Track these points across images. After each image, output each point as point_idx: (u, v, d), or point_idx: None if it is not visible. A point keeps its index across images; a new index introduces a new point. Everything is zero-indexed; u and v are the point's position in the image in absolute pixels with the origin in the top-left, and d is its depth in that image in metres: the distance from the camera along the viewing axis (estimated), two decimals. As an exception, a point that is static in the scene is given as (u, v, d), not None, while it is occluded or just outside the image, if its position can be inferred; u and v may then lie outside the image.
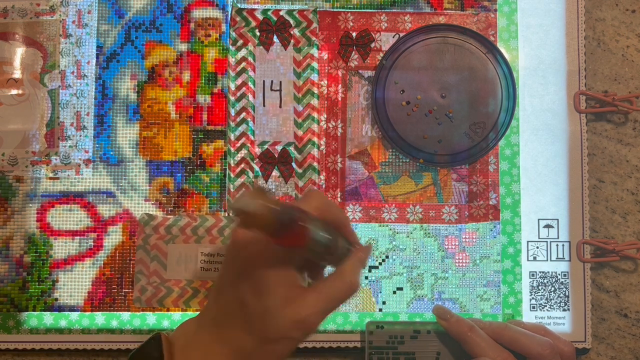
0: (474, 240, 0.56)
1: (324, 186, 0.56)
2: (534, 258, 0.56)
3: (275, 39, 0.57)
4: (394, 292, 0.56)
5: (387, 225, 0.56)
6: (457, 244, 0.56)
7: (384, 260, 0.56)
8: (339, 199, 0.56)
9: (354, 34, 0.57)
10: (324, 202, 0.43)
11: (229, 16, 0.57)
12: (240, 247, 0.41)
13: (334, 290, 0.42)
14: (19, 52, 0.57)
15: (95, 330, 0.55)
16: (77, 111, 0.57)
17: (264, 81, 0.57)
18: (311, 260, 0.43)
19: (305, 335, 0.42)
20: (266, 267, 0.40)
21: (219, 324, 0.42)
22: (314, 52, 0.57)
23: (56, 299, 0.55)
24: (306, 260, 0.43)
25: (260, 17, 0.57)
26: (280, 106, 0.57)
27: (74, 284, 0.55)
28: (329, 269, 0.47)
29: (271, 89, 0.57)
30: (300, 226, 0.37)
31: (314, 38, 0.57)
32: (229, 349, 0.42)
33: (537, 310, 0.56)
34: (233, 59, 0.57)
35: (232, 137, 0.57)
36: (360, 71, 0.57)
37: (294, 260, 0.41)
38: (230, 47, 0.57)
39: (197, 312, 0.55)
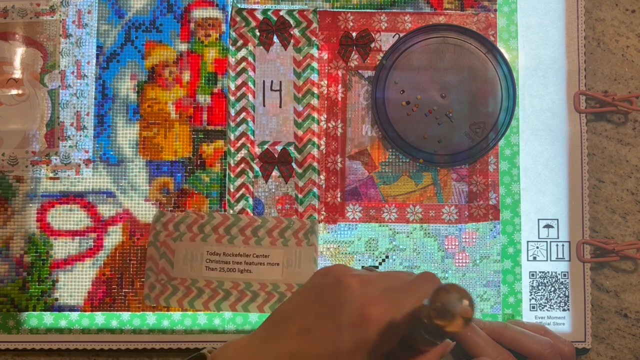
0: (474, 240, 0.56)
1: (324, 186, 0.56)
2: (534, 258, 0.56)
3: (275, 39, 0.57)
4: (394, 292, 0.56)
5: (387, 225, 0.56)
6: (457, 244, 0.56)
7: (384, 260, 0.56)
8: (339, 199, 0.56)
9: (354, 34, 0.57)
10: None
11: (229, 16, 0.57)
12: (354, 298, 0.39)
13: None
14: (19, 52, 0.57)
15: (95, 330, 0.55)
16: (77, 111, 0.57)
17: (264, 81, 0.57)
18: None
19: None
20: (378, 338, 0.38)
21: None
22: (314, 52, 0.57)
23: (56, 299, 0.55)
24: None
25: (260, 17, 0.57)
26: (280, 106, 0.57)
27: (74, 284, 0.55)
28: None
29: (271, 89, 0.57)
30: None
31: (314, 38, 0.57)
32: None
33: (537, 310, 0.56)
34: (233, 59, 0.57)
35: (232, 137, 0.57)
36: (360, 71, 0.57)
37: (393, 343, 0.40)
38: (230, 47, 0.57)
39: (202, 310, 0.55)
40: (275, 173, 0.57)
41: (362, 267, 0.56)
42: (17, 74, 0.56)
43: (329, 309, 0.39)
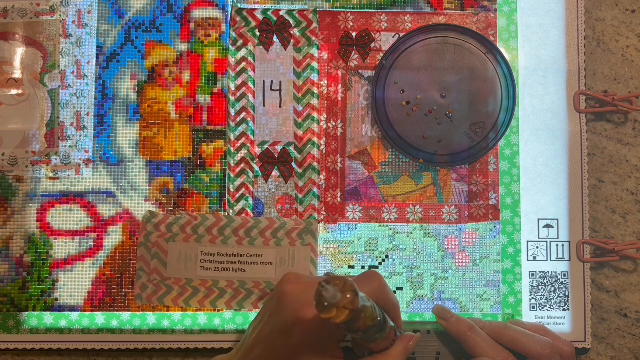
0: (474, 240, 0.56)
1: (324, 186, 0.56)
2: (534, 258, 0.56)
3: (275, 39, 0.57)
4: (394, 292, 0.56)
5: (387, 225, 0.56)
6: (457, 244, 0.56)
7: (383, 260, 0.56)
8: (339, 199, 0.56)
9: (354, 34, 0.57)
10: (382, 285, 0.43)
11: (229, 16, 0.57)
12: (288, 304, 0.41)
13: None
14: (19, 52, 0.57)
15: (95, 330, 0.55)
16: (77, 111, 0.57)
17: (264, 81, 0.57)
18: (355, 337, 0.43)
19: None
20: (312, 337, 0.41)
21: None
22: (314, 52, 0.57)
23: (56, 299, 0.55)
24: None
25: (260, 17, 0.57)
26: (280, 106, 0.57)
27: (74, 284, 0.55)
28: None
29: (271, 89, 0.57)
30: (369, 317, 0.37)
31: (314, 38, 0.57)
32: None
33: (537, 310, 0.56)
34: (233, 59, 0.57)
35: (232, 137, 0.57)
36: (360, 71, 0.57)
37: (340, 336, 0.42)
38: (230, 47, 0.57)
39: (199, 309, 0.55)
40: (275, 173, 0.57)
41: (362, 267, 0.56)
42: (17, 74, 0.56)
43: (273, 317, 0.42)
